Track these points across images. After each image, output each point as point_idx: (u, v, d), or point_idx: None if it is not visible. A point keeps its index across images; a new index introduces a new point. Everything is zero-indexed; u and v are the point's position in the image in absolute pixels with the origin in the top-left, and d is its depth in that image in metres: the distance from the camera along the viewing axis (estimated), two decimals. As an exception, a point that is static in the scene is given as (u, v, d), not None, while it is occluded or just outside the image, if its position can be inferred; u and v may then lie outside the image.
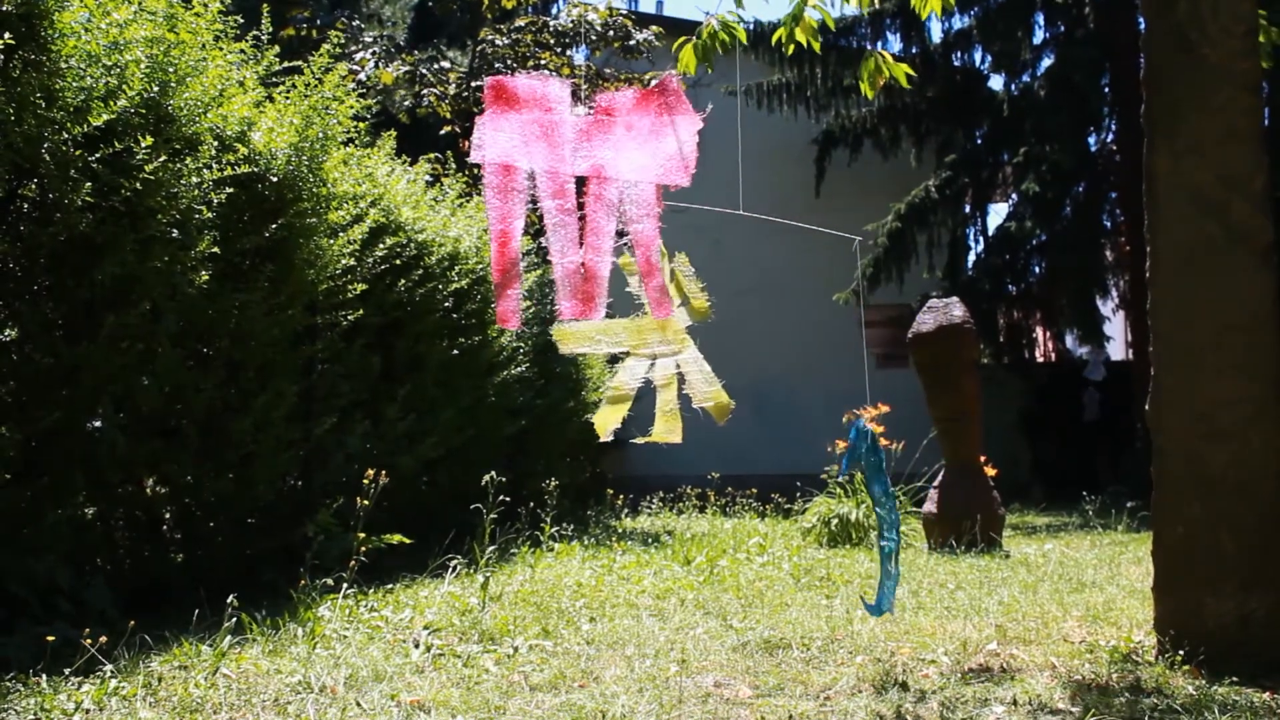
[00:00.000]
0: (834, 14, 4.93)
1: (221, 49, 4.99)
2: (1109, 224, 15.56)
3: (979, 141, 15.58)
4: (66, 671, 3.31)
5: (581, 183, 3.55)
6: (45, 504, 4.16)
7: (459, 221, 7.54)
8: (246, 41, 5.28)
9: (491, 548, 5.40)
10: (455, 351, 7.19)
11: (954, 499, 7.49)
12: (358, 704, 3.17)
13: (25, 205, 4.10)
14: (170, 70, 4.49)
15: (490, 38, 12.12)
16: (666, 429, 3.74)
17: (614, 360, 12.92)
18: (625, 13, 12.20)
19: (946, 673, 3.60)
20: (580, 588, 5.36)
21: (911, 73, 4.98)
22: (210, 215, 4.61)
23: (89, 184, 3.99)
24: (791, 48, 4.98)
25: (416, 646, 3.92)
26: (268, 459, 5.23)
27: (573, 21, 11.89)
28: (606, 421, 3.80)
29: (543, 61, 11.98)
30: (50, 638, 3.41)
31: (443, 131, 12.73)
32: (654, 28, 12.27)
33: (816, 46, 5.05)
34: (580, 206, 3.51)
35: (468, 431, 7.43)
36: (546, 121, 3.55)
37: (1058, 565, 6.41)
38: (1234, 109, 3.67)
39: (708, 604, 5.00)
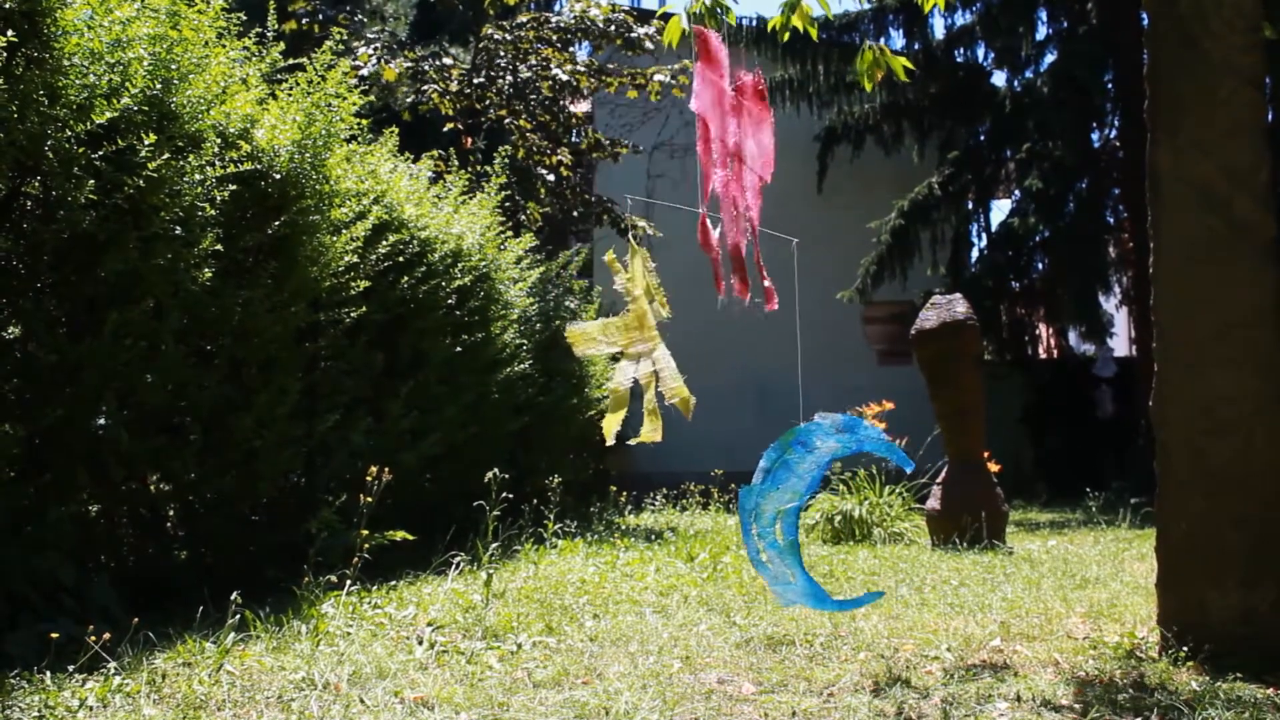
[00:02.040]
0: (836, 8, 4.92)
1: (224, 46, 4.99)
2: (1112, 220, 15.56)
3: (982, 138, 15.57)
4: (70, 668, 3.32)
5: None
6: (49, 501, 4.16)
7: (461, 219, 7.54)
8: (249, 39, 5.28)
9: (495, 545, 5.40)
10: (458, 348, 7.19)
11: (957, 495, 7.49)
12: (361, 701, 3.17)
13: (28, 203, 4.10)
14: (173, 67, 4.49)
15: (491, 33, 12.11)
16: (651, 428, 3.75)
17: (615, 359, 12.93)
18: (627, 9, 12.19)
19: (949, 669, 3.60)
20: (583, 585, 5.37)
21: (909, 65, 4.97)
22: (213, 213, 4.61)
23: (92, 181, 3.99)
24: (786, 35, 4.96)
25: (420, 643, 3.92)
26: (271, 456, 5.23)
27: (575, 17, 11.87)
28: (611, 426, 3.83)
29: (545, 57, 11.97)
30: (54, 635, 3.41)
31: (445, 129, 12.73)
32: (655, 22, 12.26)
33: (814, 33, 5.02)
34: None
35: (470, 428, 7.44)
36: (721, 88, 3.49)
37: (1061, 562, 6.41)
38: (1238, 103, 3.66)
39: (711, 601, 5.00)
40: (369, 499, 4.80)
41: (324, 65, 5.54)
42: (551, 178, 12.06)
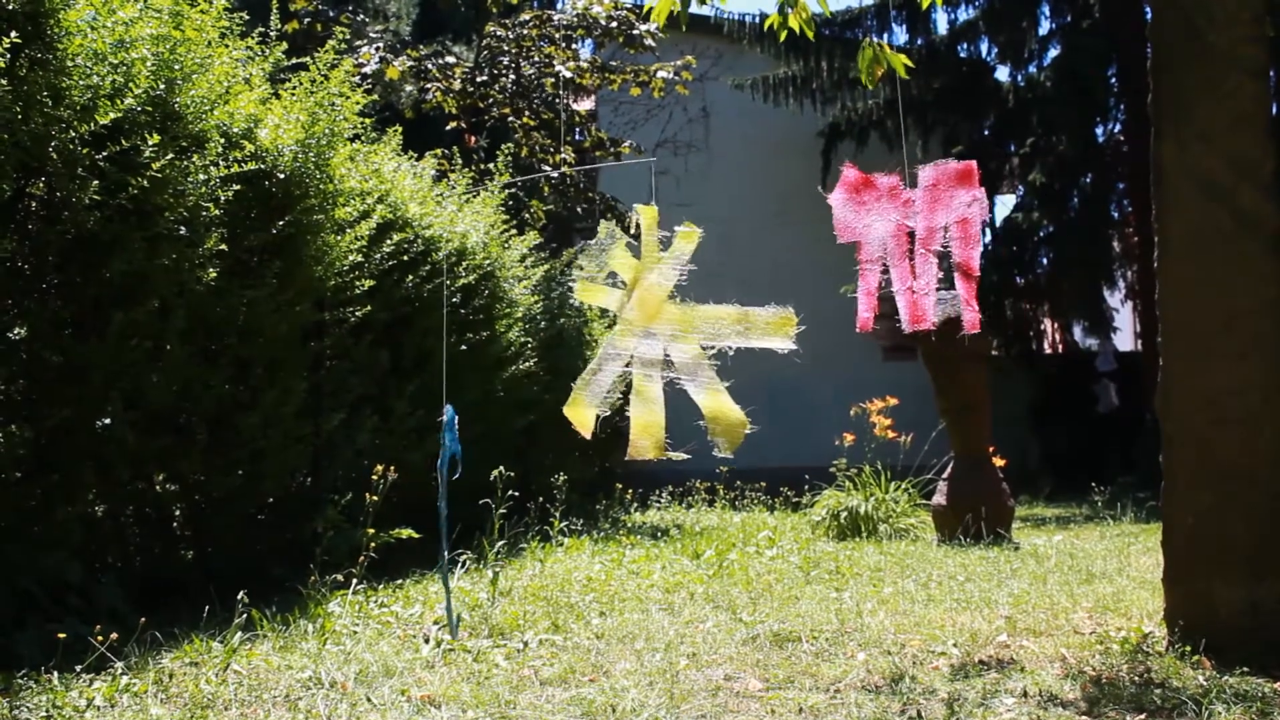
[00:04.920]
0: (835, 4, 4.97)
1: (227, 46, 4.99)
2: (1116, 214, 15.53)
3: (985, 133, 15.54)
4: (78, 668, 3.33)
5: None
6: (56, 501, 4.17)
7: (465, 217, 7.54)
8: (252, 38, 5.29)
9: (501, 543, 5.41)
10: (463, 347, 7.19)
11: (963, 491, 7.48)
12: (368, 699, 3.17)
13: (33, 204, 4.11)
14: (176, 68, 4.49)
15: (494, 30, 12.11)
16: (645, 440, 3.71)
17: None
18: (629, 6, 12.18)
19: (956, 665, 3.59)
20: (590, 582, 5.37)
21: (909, 63, 4.97)
22: (217, 212, 4.61)
23: (96, 182, 4.00)
24: (784, 34, 4.96)
25: (426, 642, 3.93)
26: (277, 455, 5.24)
27: (577, 14, 11.87)
28: (580, 418, 3.80)
29: (547, 54, 11.97)
30: (61, 634, 3.42)
31: (448, 127, 12.73)
32: (653, 18, 12.28)
33: (810, 33, 5.03)
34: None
35: (476, 427, 7.43)
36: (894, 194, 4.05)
37: (1067, 556, 6.40)
38: (1242, 95, 3.65)
39: (717, 597, 5.00)
40: (375, 498, 4.81)
41: (327, 64, 5.54)
42: (555, 176, 12.06)
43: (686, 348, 3.59)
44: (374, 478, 4.91)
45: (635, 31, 11.62)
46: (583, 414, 3.50)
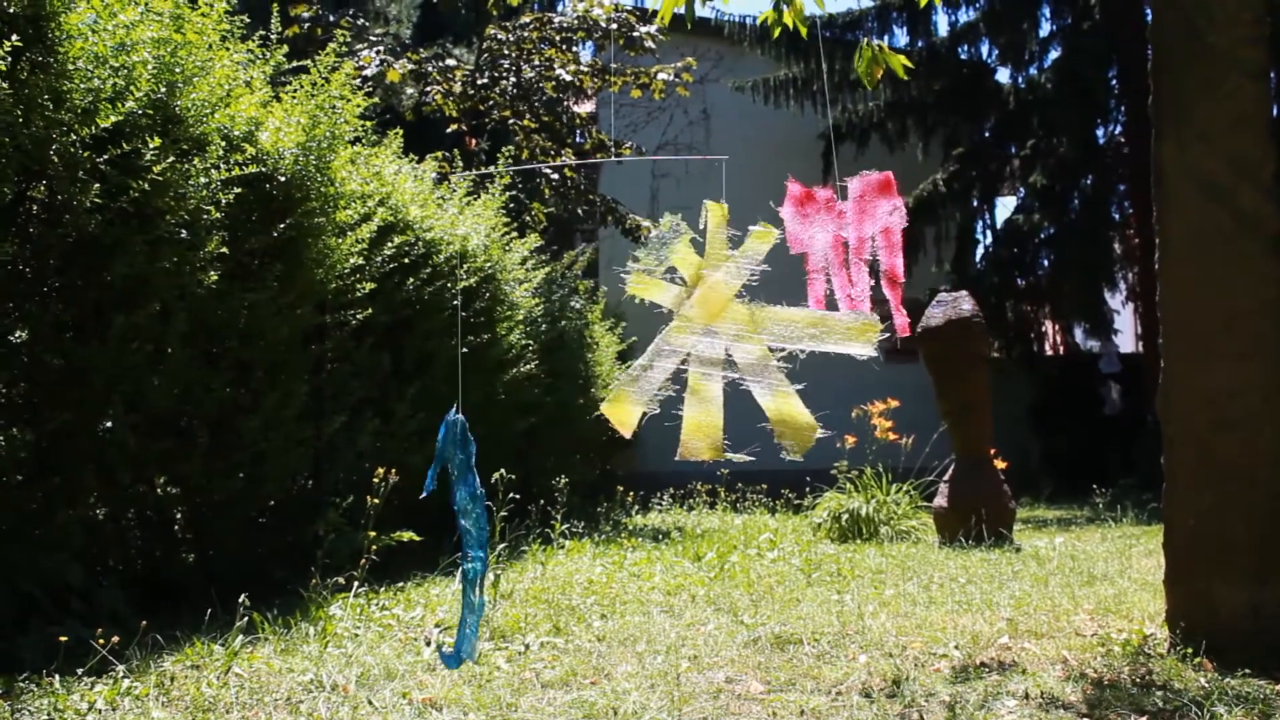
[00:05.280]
0: (833, 6, 4.98)
1: (228, 49, 4.99)
2: (1117, 216, 15.54)
3: (986, 135, 15.55)
4: (79, 671, 3.33)
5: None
6: (57, 504, 4.17)
7: (466, 219, 7.55)
8: (253, 41, 5.29)
9: (502, 545, 5.40)
10: (464, 350, 7.19)
11: (964, 492, 7.48)
12: (369, 702, 3.17)
13: (34, 207, 4.11)
14: (177, 71, 4.49)
15: (494, 33, 12.12)
16: (702, 442, 3.50)
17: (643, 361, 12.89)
18: (630, 9, 12.19)
19: (957, 667, 3.59)
20: (591, 585, 5.37)
21: (908, 64, 4.98)
22: (219, 215, 4.61)
23: (97, 185, 4.00)
24: (778, 31, 4.97)
25: (428, 644, 3.93)
26: (278, 458, 5.24)
27: (577, 16, 11.88)
28: (621, 416, 3.59)
29: (548, 57, 11.98)
30: (63, 638, 3.42)
31: (449, 130, 12.73)
32: (657, 21, 12.28)
33: (804, 31, 5.04)
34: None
35: (477, 429, 7.41)
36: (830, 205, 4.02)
37: (1068, 559, 6.40)
38: (1242, 96, 3.66)
39: (718, 600, 5.00)
40: (376, 500, 4.81)
41: (328, 67, 5.54)
42: (556, 178, 12.06)
43: (752, 348, 3.46)
44: (375, 480, 4.91)
45: (635, 34, 11.63)
46: (625, 411, 3.26)
